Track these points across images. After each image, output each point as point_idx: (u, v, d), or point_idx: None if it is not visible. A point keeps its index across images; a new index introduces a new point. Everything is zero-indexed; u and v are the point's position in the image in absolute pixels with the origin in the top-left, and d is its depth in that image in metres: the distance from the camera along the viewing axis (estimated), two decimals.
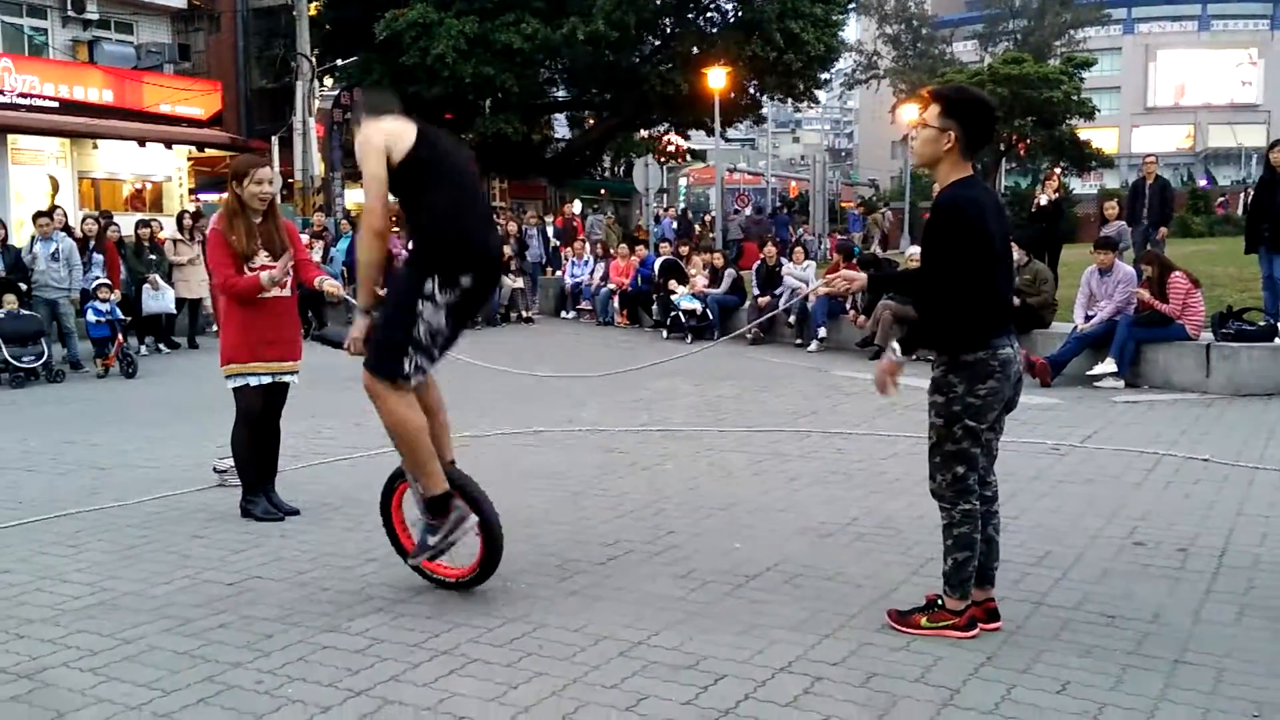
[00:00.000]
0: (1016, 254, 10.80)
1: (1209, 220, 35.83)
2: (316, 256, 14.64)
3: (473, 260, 4.02)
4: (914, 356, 6.61)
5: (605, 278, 16.33)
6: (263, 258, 5.29)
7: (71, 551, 4.95)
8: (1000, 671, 3.49)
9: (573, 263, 17.42)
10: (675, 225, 27.46)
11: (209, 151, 23.47)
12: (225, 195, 5.52)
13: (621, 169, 39.50)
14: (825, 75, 33.32)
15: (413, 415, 4.09)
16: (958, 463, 3.75)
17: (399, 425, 4.06)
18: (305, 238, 15.08)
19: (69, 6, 21.53)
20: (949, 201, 3.67)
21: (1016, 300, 10.27)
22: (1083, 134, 37.35)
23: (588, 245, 17.76)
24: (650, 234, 21.72)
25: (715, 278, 14.40)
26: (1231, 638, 3.75)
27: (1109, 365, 9.33)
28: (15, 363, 10.84)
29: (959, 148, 3.69)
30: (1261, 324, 9.34)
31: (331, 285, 5.65)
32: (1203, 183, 48.06)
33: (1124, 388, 9.25)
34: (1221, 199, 41.50)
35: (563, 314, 17.04)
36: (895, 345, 3.88)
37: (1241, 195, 39.90)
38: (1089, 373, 9.43)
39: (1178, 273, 9.54)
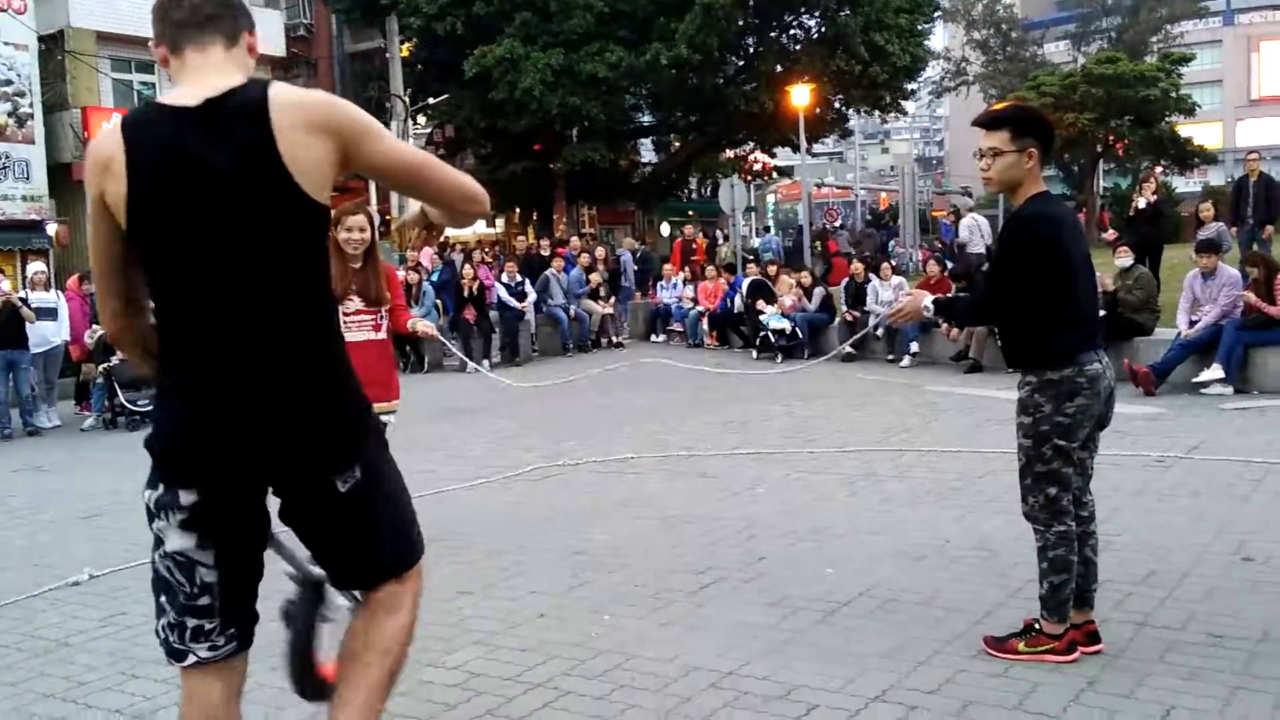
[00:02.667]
0: (1124, 259, 10.54)
1: None
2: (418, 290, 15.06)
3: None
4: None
5: (695, 299, 16.39)
6: (356, 303, 5.47)
7: None
8: (1102, 697, 3.42)
9: (662, 285, 17.53)
10: (784, 242, 27.22)
11: None
12: None
13: (708, 190, 39.63)
14: (912, 85, 32.98)
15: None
16: (1049, 484, 3.69)
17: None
18: (401, 273, 15.52)
19: None
20: (1028, 217, 3.64)
21: (1106, 310, 10.03)
22: (1184, 131, 36.18)
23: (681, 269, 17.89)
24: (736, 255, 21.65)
25: (805, 296, 14.33)
26: (1249, 662, 3.60)
27: (1216, 371, 9.02)
28: (131, 406, 11.34)
29: (1033, 161, 3.66)
30: None
31: (425, 326, 5.83)
32: None
33: (1232, 394, 8.93)
34: None
35: (653, 337, 17.14)
36: (928, 302, 3.93)
37: None
38: (1195, 380, 9.13)
39: None
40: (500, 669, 3.90)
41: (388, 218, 22.18)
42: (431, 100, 26.58)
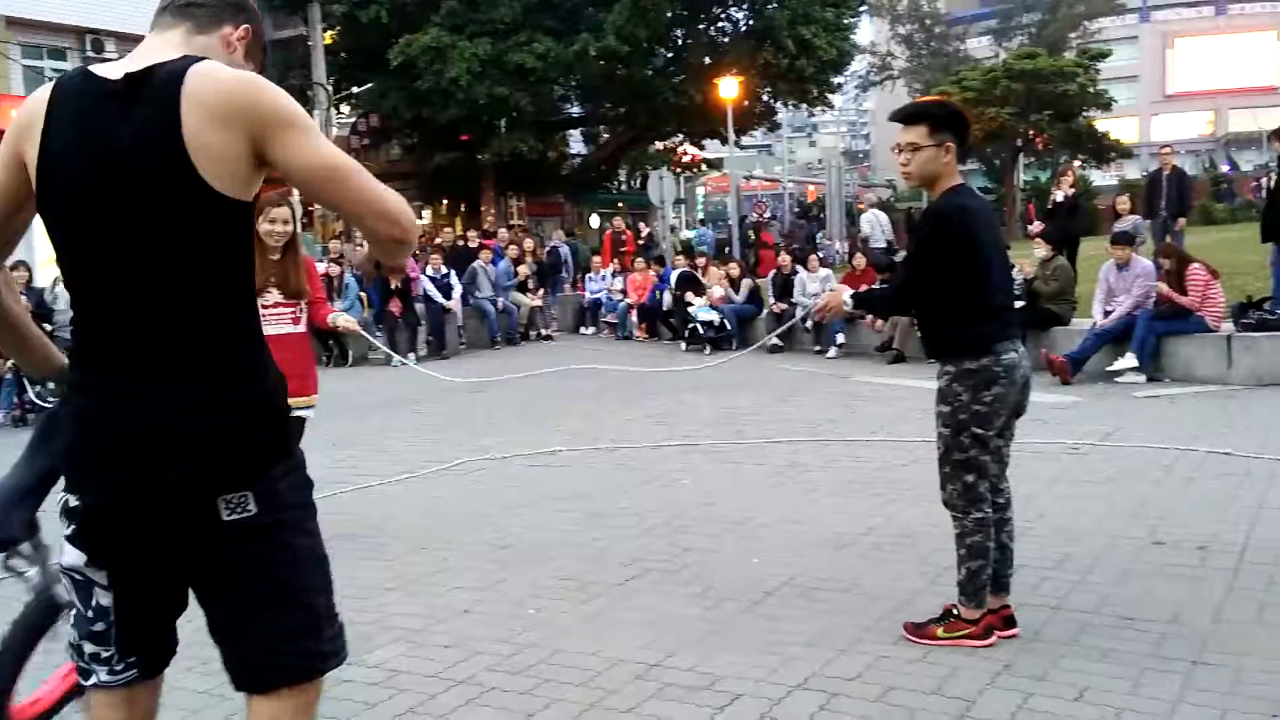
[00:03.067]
0: (1041, 250, 10.76)
1: (1231, 207, 35.45)
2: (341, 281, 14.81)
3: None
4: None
5: (624, 292, 16.39)
6: (274, 295, 5.36)
7: None
8: (1017, 679, 3.48)
9: (591, 278, 17.49)
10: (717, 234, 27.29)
11: None
12: None
13: (638, 182, 39.62)
14: (839, 79, 33.32)
15: None
16: (967, 471, 3.75)
17: None
18: (323, 266, 15.25)
19: (88, 48, 21.86)
20: (944, 209, 3.70)
21: (1025, 300, 10.25)
22: (1101, 125, 37.07)
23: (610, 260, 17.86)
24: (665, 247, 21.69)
25: (733, 288, 14.41)
26: (1252, 636, 3.72)
27: (1129, 360, 9.27)
28: (40, 403, 10.99)
29: (950, 154, 3.73)
30: None
31: (345, 321, 5.74)
32: (1225, 168, 47.55)
33: (1145, 382, 9.19)
34: (1255, 183, 41.08)
35: (582, 330, 17.10)
36: (848, 297, 3.95)
37: (1264, 180, 39.52)
38: (1109, 369, 9.37)
39: (1196, 264, 9.47)
40: (423, 666, 3.85)
41: (309, 208, 21.80)
42: (355, 89, 26.15)
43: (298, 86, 25.03)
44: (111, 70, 1.97)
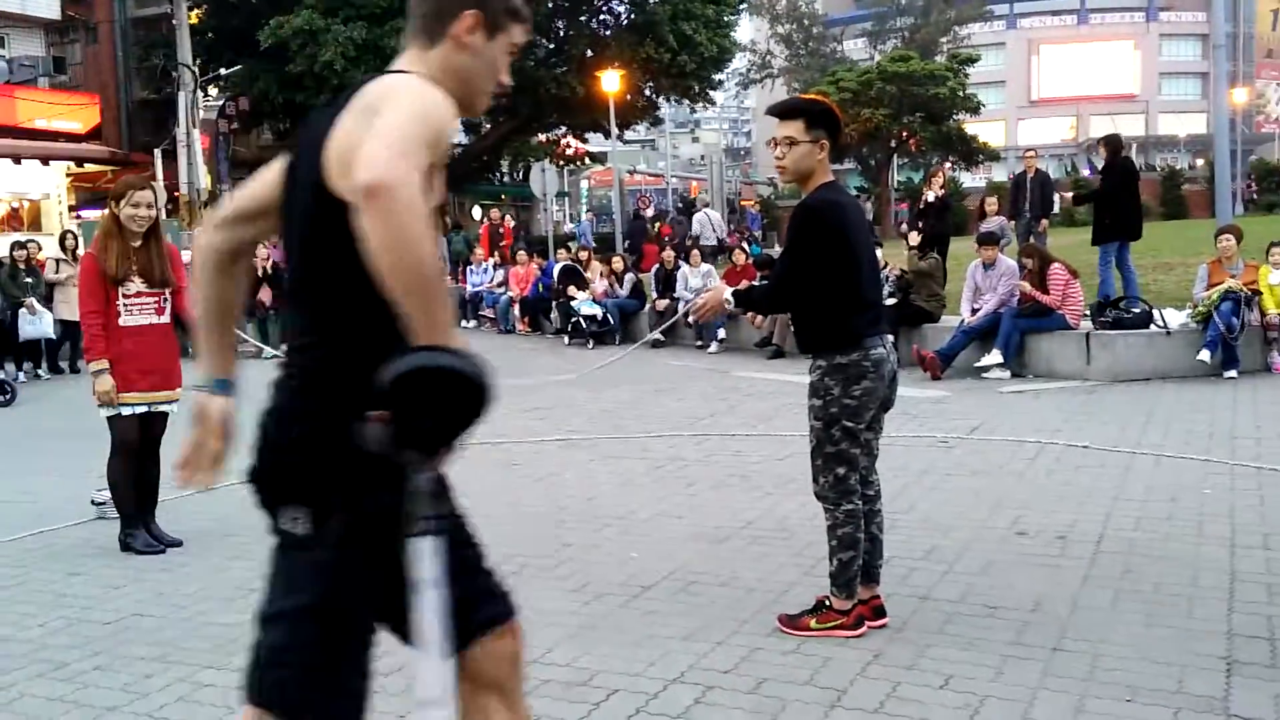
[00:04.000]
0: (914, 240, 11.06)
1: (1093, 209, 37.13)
2: None
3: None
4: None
5: (505, 285, 16.24)
6: (138, 284, 5.13)
7: None
8: (887, 669, 3.56)
9: (472, 270, 17.28)
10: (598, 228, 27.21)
11: (89, 167, 22.70)
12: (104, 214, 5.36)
13: (520, 173, 39.34)
14: (720, 76, 33.67)
15: None
16: (838, 464, 3.81)
17: None
18: (188, 255, 14.69)
19: None
20: (816, 205, 3.75)
21: (898, 297, 10.53)
22: (970, 129, 38.38)
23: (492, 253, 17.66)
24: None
25: (615, 282, 14.42)
26: (1107, 623, 3.87)
27: (995, 357, 9.60)
28: (11, 382, 10.40)
29: (823, 151, 3.78)
30: (1137, 311, 9.69)
31: None
32: (1086, 172, 49.77)
33: (1010, 378, 9.53)
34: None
35: (463, 323, 16.88)
36: (729, 295, 3.96)
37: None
38: (976, 365, 9.69)
39: (1057, 264, 9.86)
40: None
41: (175, 194, 20.97)
42: (224, 71, 25.24)
43: (160, 68, 24.09)
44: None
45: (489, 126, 33.12)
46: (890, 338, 3.93)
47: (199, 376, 2.25)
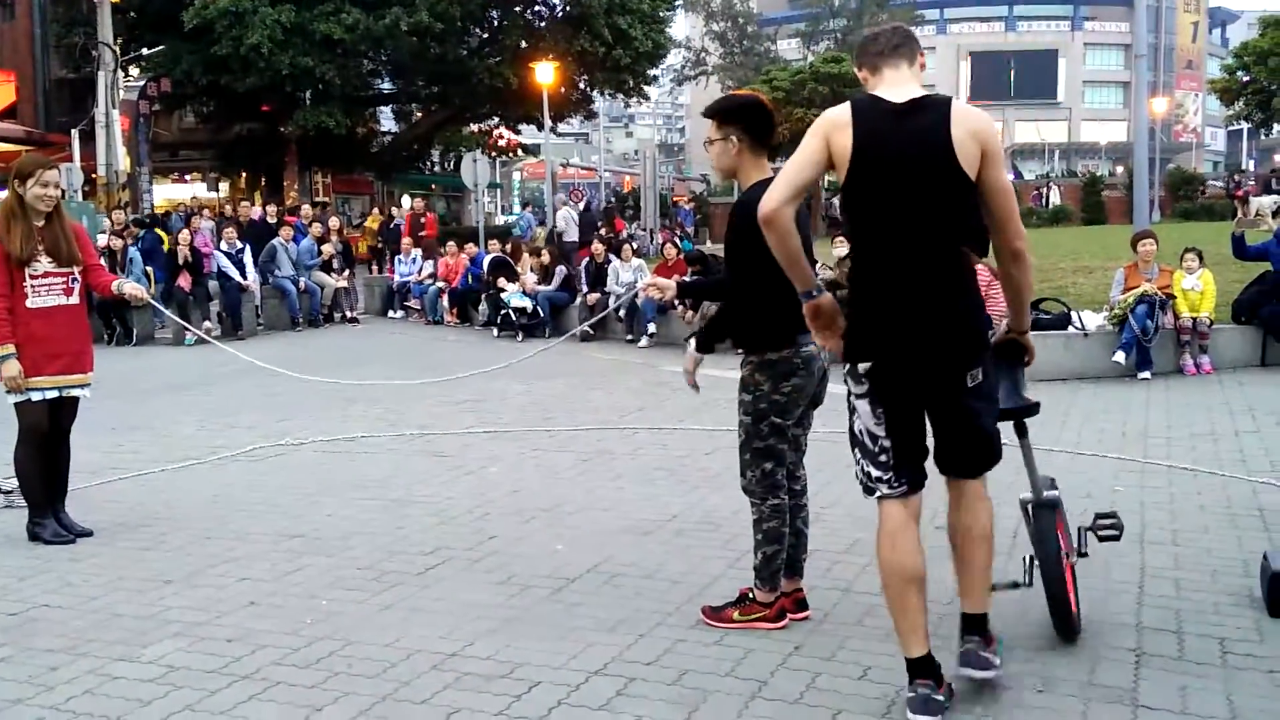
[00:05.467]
0: (840, 248, 11.14)
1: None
2: (130, 258, 13.88)
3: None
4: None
5: (434, 276, 16.06)
6: (45, 263, 4.97)
7: None
8: (807, 660, 3.59)
9: (400, 260, 17.06)
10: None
11: (3, 146, 21.95)
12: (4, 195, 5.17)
13: (451, 163, 38.97)
14: (654, 71, 33.72)
15: (890, 555, 3.23)
16: (765, 459, 3.83)
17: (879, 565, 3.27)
18: (104, 238, 14.27)
19: None
20: (746, 203, 3.74)
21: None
22: None
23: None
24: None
25: (545, 275, 14.34)
26: (1021, 615, 3.94)
27: None
28: None
29: (747, 150, 3.78)
30: (1057, 313, 9.91)
31: (132, 288, 5.39)
32: (1011, 177, 50.80)
33: None
34: (1036, 192, 44.01)
35: (390, 314, 16.68)
36: (690, 343, 3.94)
37: (1045, 189, 42.41)
38: None
39: (980, 265, 10.00)
40: (202, 661, 3.64)
41: (94, 175, 20.38)
42: (145, 51, 24.58)
43: (80, 46, 23.40)
44: (891, 97, 3.14)
45: (420, 115, 32.79)
46: None
47: (802, 287, 3.25)
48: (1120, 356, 9.19)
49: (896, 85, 3.18)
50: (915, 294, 3.11)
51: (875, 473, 3.27)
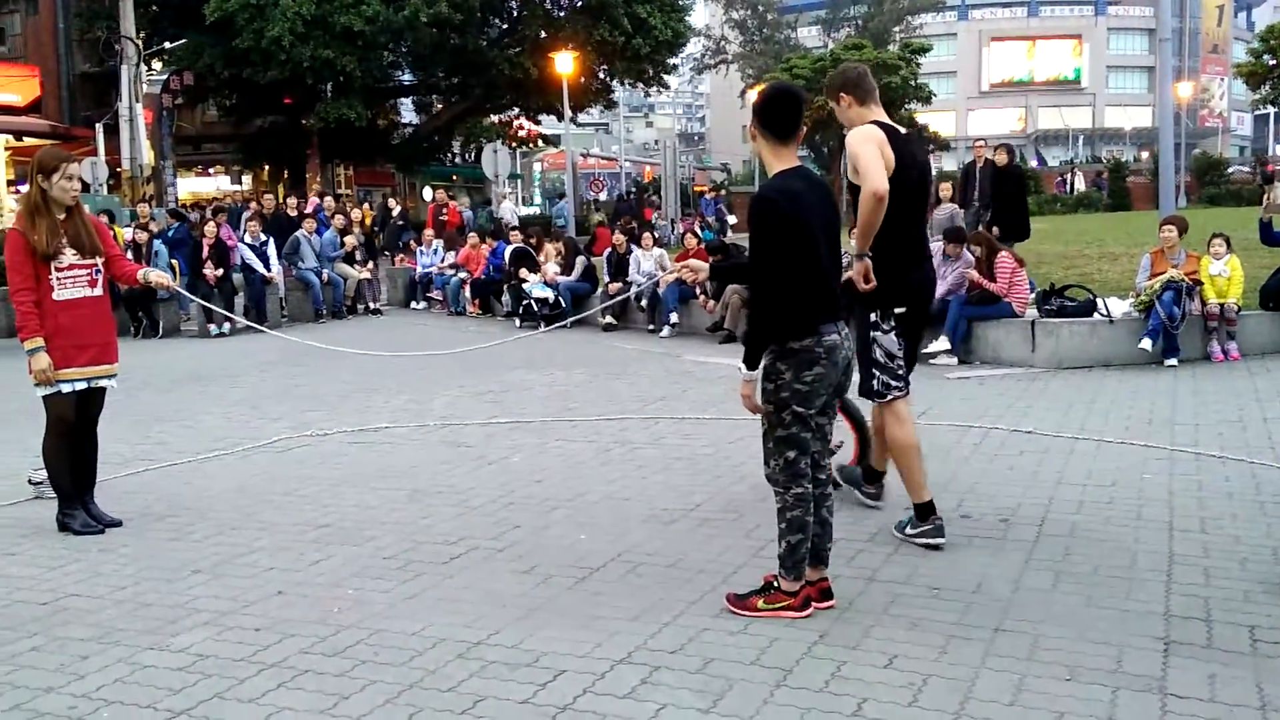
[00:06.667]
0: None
1: (1039, 199, 37.64)
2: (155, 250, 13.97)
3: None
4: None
5: (456, 266, 16.10)
6: (70, 256, 5.01)
7: None
8: (832, 649, 3.58)
9: (422, 252, 17.11)
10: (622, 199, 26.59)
11: (28, 141, 22.12)
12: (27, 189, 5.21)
13: (472, 154, 39.02)
14: (674, 60, 33.63)
15: (901, 432, 4.69)
16: (789, 448, 3.82)
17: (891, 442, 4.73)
18: (129, 232, 14.37)
19: None
20: (764, 193, 3.76)
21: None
22: (921, 118, 38.69)
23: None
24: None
25: (567, 265, 14.35)
26: (1048, 604, 3.93)
27: (942, 343, 9.69)
28: None
29: (768, 141, 3.82)
30: (1082, 300, 9.83)
31: (158, 276, 5.43)
32: (1033, 163, 50.47)
33: (956, 364, 9.63)
34: (1060, 178, 43.65)
35: (413, 304, 16.73)
36: (742, 365, 3.85)
37: (1069, 175, 42.08)
38: (924, 351, 9.76)
39: (1004, 253, 9.97)
40: (231, 650, 3.68)
41: (118, 169, 20.52)
42: (168, 45, 24.70)
43: (103, 40, 23.54)
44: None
45: (440, 106, 32.83)
46: (844, 326, 3.93)
47: (861, 250, 4.41)
48: (1147, 343, 9.11)
49: (882, 116, 4.60)
50: (924, 262, 4.77)
51: (892, 382, 4.70)
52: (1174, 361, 9.08)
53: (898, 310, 4.62)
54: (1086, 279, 11.31)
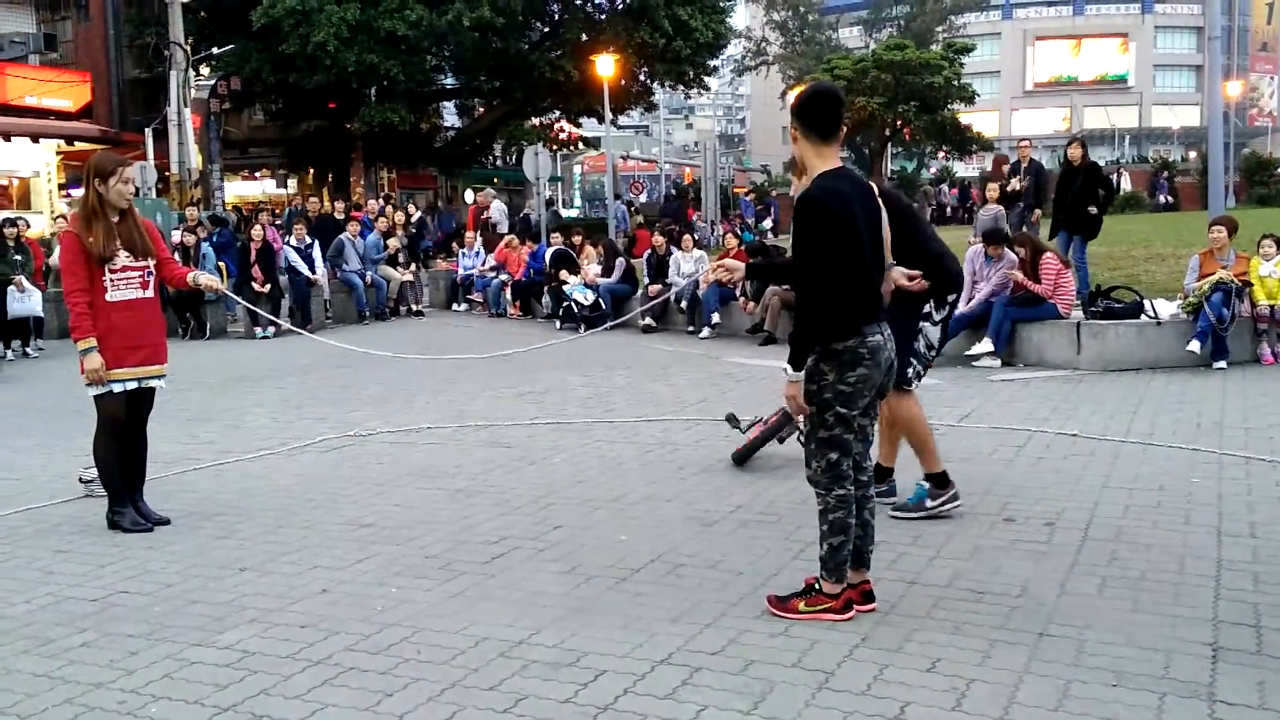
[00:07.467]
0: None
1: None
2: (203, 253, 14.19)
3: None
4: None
5: (497, 269, 16.19)
6: (124, 258, 5.11)
7: None
8: (874, 652, 3.56)
9: (463, 254, 17.22)
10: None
11: (79, 145, 22.56)
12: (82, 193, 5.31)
13: (513, 157, 39.23)
14: (715, 62, 33.60)
15: (919, 412, 5.09)
16: (831, 449, 3.81)
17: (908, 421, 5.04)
18: (177, 235, 14.60)
19: None
20: (810, 194, 3.74)
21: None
22: (964, 118, 38.31)
23: (478, 236, 17.61)
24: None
25: (607, 267, 14.38)
26: (1094, 609, 3.88)
27: (986, 345, 9.60)
28: None
29: (809, 142, 3.82)
30: (1129, 301, 9.70)
31: (207, 279, 5.53)
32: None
33: (1000, 366, 9.53)
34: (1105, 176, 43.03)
35: (454, 306, 16.84)
36: (787, 366, 3.82)
37: (1115, 175, 41.47)
38: (967, 353, 9.69)
39: (1049, 254, 9.86)
40: (276, 647, 3.72)
41: (167, 173, 20.85)
42: (216, 50, 25.07)
43: (152, 46, 23.94)
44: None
45: (482, 110, 33.04)
46: (887, 327, 3.90)
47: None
48: (1195, 345, 8.96)
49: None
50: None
51: (923, 372, 5.06)
52: (1223, 364, 8.94)
53: (950, 298, 4.97)
54: (1133, 280, 11.16)
